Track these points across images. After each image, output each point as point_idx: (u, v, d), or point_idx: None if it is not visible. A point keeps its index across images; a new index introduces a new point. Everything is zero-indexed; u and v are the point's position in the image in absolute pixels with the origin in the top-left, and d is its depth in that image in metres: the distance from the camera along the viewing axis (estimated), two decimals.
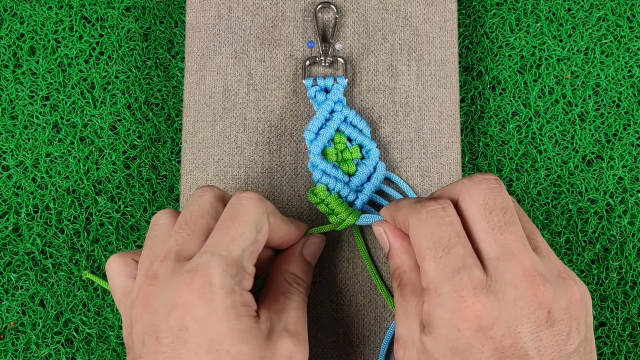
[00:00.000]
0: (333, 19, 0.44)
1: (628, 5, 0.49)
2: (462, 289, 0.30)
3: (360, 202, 0.41)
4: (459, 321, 0.30)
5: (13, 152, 0.46)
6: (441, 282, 0.31)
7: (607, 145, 0.47)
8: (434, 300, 0.31)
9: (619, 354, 0.45)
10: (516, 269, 0.30)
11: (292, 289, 0.36)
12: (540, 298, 0.30)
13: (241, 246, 0.32)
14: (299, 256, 0.38)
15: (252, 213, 0.33)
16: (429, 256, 0.32)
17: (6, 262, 0.44)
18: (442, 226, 0.32)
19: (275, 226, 0.35)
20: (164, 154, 0.46)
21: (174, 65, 0.47)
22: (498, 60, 0.48)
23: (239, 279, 0.32)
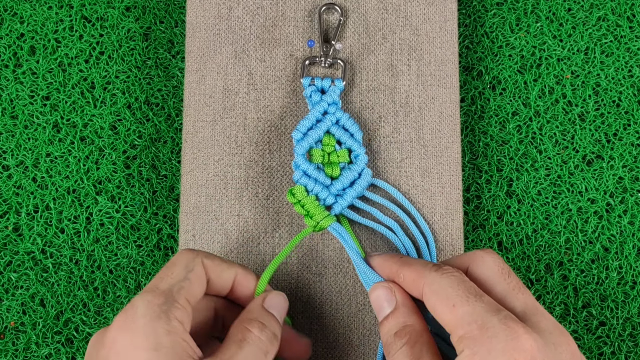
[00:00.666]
0: (337, 20, 0.44)
1: (628, 5, 0.49)
2: (510, 321, 0.30)
3: (339, 206, 0.40)
4: (515, 351, 0.29)
5: (13, 151, 0.46)
6: (486, 318, 0.30)
7: (607, 145, 0.47)
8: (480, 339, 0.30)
9: (619, 353, 0.45)
10: (547, 320, 0.31)
11: (250, 336, 0.33)
12: (573, 348, 0.31)
13: (168, 282, 0.33)
14: (260, 307, 0.36)
15: (182, 258, 0.34)
16: (463, 301, 0.31)
17: (6, 261, 0.45)
18: (465, 282, 0.32)
19: (213, 267, 0.35)
20: (164, 154, 0.46)
21: (174, 65, 0.47)
22: (498, 60, 0.48)
23: (167, 307, 0.31)
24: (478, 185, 0.46)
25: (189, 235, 0.42)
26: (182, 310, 0.32)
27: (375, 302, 0.36)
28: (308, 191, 0.40)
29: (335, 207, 0.40)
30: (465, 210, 0.46)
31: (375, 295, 0.36)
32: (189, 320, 0.32)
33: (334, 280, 0.41)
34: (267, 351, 0.33)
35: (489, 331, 0.30)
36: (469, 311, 0.30)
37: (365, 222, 0.41)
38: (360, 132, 0.41)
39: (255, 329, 0.33)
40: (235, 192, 0.42)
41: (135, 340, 0.30)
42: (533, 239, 0.46)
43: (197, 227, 0.42)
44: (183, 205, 0.42)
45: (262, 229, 0.42)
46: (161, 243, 0.45)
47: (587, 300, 0.45)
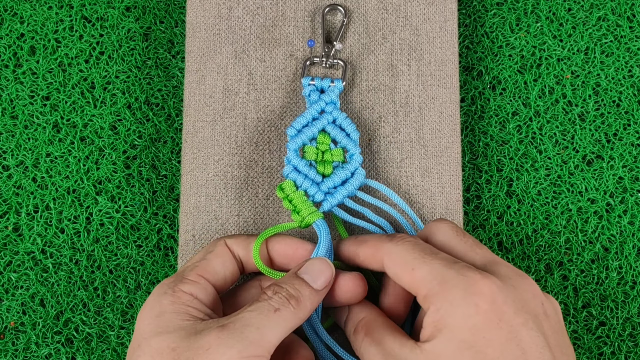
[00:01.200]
0: (339, 21, 0.44)
1: (628, 5, 0.49)
2: (468, 272, 0.31)
3: (328, 204, 0.40)
4: (474, 296, 0.30)
5: (13, 152, 0.46)
6: (445, 274, 0.31)
7: (607, 145, 0.47)
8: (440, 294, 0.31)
9: (619, 353, 0.45)
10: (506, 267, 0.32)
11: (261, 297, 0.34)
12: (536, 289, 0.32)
13: (186, 265, 0.37)
14: (292, 273, 0.36)
15: (208, 245, 0.38)
16: (420, 263, 0.32)
17: (6, 262, 0.45)
18: (419, 244, 0.34)
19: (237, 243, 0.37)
20: (164, 154, 0.46)
21: (174, 65, 0.47)
22: (498, 60, 0.48)
23: (175, 283, 0.35)
24: (478, 185, 0.46)
25: (189, 235, 0.42)
26: (190, 283, 0.35)
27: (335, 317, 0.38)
28: (297, 186, 0.40)
29: (324, 204, 0.40)
30: (465, 210, 0.46)
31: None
32: (206, 292, 0.35)
33: None
34: (276, 307, 0.33)
35: (447, 284, 0.31)
36: (427, 270, 0.32)
37: (356, 222, 0.41)
38: (356, 133, 0.41)
39: (269, 291, 0.34)
40: (235, 192, 0.42)
41: (143, 312, 0.34)
42: (533, 239, 0.46)
43: (197, 227, 0.42)
44: (183, 205, 0.42)
45: (262, 229, 0.42)
46: (161, 243, 0.45)
47: (587, 300, 0.45)
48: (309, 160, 0.41)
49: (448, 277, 0.31)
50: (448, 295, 0.31)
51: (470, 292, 0.30)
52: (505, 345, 0.29)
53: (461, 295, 0.30)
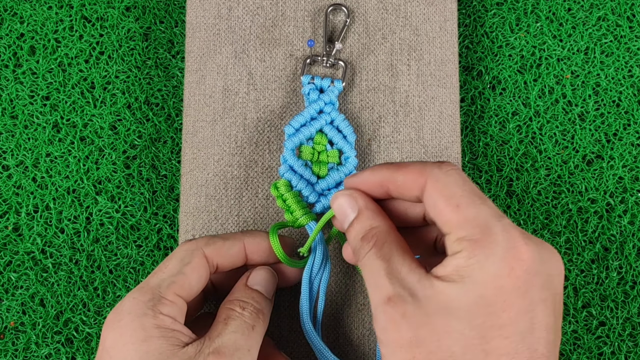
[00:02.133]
0: (342, 21, 0.44)
1: (628, 5, 0.49)
2: (511, 230, 0.29)
3: (320, 205, 0.41)
4: (513, 260, 0.29)
5: (13, 151, 0.46)
6: (491, 223, 0.29)
7: (607, 145, 0.47)
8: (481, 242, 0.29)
9: (619, 353, 0.45)
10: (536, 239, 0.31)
11: (233, 314, 0.35)
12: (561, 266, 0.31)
13: (159, 277, 0.34)
14: (244, 286, 0.37)
15: (180, 251, 0.35)
16: (467, 203, 0.30)
17: (6, 261, 0.45)
18: (469, 182, 0.31)
19: (217, 250, 0.36)
20: (164, 154, 0.46)
21: (174, 65, 0.47)
22: (498, 60, 0.48)
23: (153, 303, 0.33)
24: (478, 185, 0.46)
25: (189, 235, 0.42)
26: (170, 305, 0.33)
27: (338, 211, 0.34)
28: (292, 186, 0.40)
29: (317, 205, 0.41)
30: None
31: (337, 204, 0.34)
32: (182, 313, 0.34)
33: (334, 280, 0.41)
34: (252, 325, 0.34)
35: (491, 237, 0.29)
36: (473, 213, 0.30)
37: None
38: (353, 135, 0.41)
39: (237, 307, 0.35)
40: (235, 192, 0.42)
41: (123, 336, 0.32)
42: None
43: (197, 227, 0.42)
44: (183, 205, 0.42)
45: (262, 229, 0.42)
46: (161, 243, 0.45)
47: (587, 300, 0.45)
48: (304, 160, 0.41)
49: (494, 229, 0.29)
50: (488, 247, 0.29)
51: (511, 254, 0.29)
52: (520, 316, 0.29)
53: (501, 253, 0.29)
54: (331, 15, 0.44)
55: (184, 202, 0.42)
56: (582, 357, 0.45)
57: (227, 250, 0.37)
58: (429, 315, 0.29)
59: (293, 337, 0.41)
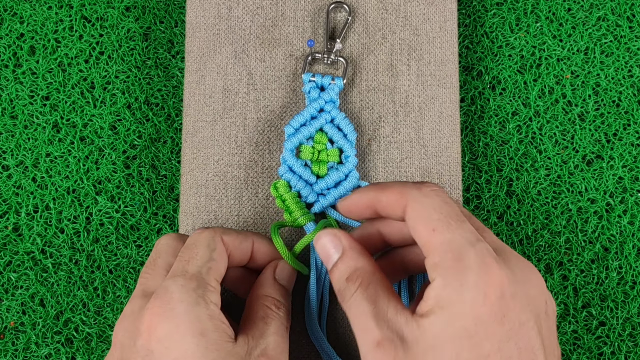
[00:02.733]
0: (343, 18, 0.44)
1: (628, 5, 0.49)
2: (486, 256, 0.29)
3: (319, 205, 0.41)
4: (487, 287, 0.29)
5: (13, 151, 0.46)
6: (463, 250, 0.29)
7: (607, 145, 0.47)
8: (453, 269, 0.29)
9: (619, 353, 0.45)
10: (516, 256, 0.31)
11: (271, 313, 0.35)
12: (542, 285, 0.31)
13: (196, 264, 0.33)
14: (273, 280, 0.37)
15: (202, 238, 0.35)
16: (443, 227, 0.30)
17: (6, 261, 0.45)
18: (450, 204, 0.31)
19: (232, 242, 0.36)
20: (164, 154, 0.46)
21: (174, 65, 0.47)
22: (498, 60, 0.48)
23: (201, 291, 0.32)
24: (478, 185, 0.46)
25: None
26: (215, 292, 0.33)
27: (321, 250, 0.34)
28: (291, 187, 0.40)
29: (315, 205, 0.41)
30: None
31: (320, 244, 0.34)
32: (220, 300, 0.33)
33: None
34: (287, 325, 0.35)
35: (463, 262, 0.29)
36: (447, 239, 0.30)
37: (349, 222, 0.41)
38: (354, 134, 0.41)
39: (273, 306, 0.35)
40: (235, 192, 0.42)
41: (180, 327, 0.30)
42: (533, 239, 0.46)
43: (197, 227, 0.42)
44: (183, 205, 0.42)
45: (262, 229, 0.42)
46: None
47: (587, 300, 0.45)
48: (304, 160, 0.41)
49: (466, 255, 0.29)
50: (460, 274, 0.29)
51: (483, 280, 0.29)
52: (504, 343, 0.29)
53: (474, 280, 0.29)
54: (332, 12, 0.44)
55: (183, 202, 0.42)
56: (582, 357, 0.45)
57: (239, 244, 0.37)
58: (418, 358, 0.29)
59: (293, 337, 0.41)
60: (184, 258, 0.34)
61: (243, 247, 0.37)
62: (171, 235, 0.37)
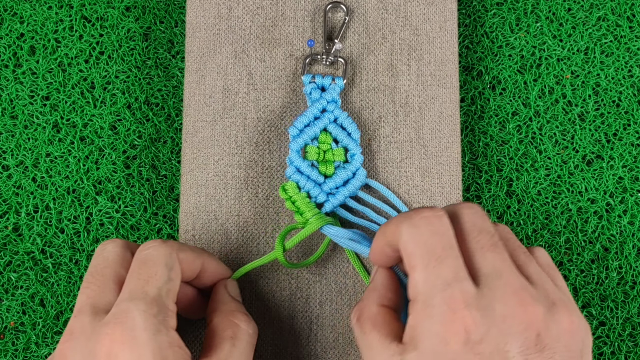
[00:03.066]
0: (340, 18, 0.44)
1: (628, 5, 0.49)
2: (453, 301, 0.29)
3: (330, 205, 0.41)
4: (447, 334, 0.29)
5: (13, 151, 0.46)
6: (431, 293, 0.30)
7: (607, 145, 0.47)
8: (422, 312, 0.30)
9: (619, 353, 0.45)
10: (506, 286, 0.30)
11: (240, 333, 0.34)
12: (530, 317, 0.29)
13: (155, 285, 0.32)
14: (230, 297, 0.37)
15: (160, 255, 0.34)
16: (421, 266, 0.30)
17: (6, 261, 0.45)
18: (436, 235, 0.31)
19: (186, 259, 0.35)
20: (164, 154, 0.46)
21: (174, 65, 0.47)
22: (498, 60, 0.48)
23: (162, 317, 0.31)
24: (478, 185, 0.46)
25: (189, 235, 0.42)
26: (173, 316, 0.32)
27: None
28: (300, 188, 0.40)
29: (326, 205, 0.41)
30: None
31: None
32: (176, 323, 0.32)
33: (334, 280, 0.41)
34: (254, 344, 0.35)
35: (428, 309, 0.29)
36: (421, 279, 0.30)
37: (358, 222, 0.41)
38: (357, 132, 0.41)
39: (243, 323, 0.35)
40: (235, 192, 0.42)
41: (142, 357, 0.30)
42: (533, 239, 0.46)
43: (197, 227, 0.42)
44: (183, 205, 0.42)
45: (262, 229, 0.42)
46: None
47: (587, 300, 0.45)
48: (310, 161, 0.41)
49: (434, 300, 0.29)
50: (426, 320, 0.29)
51: (445, 328, 0.29)
52: None
53: (436, 329, 0.29)
54: (330, 13, 0.44)
55: (184, 202, 0.42)
56: None
57: (192, 262, 0.36)
58: None
59: (293, 337, 0.41)
60: (142, 277, 0.33)
61: (194, 265, 0.36)
62: (118, 242, 0.35)
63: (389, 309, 0.34)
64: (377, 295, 0.34)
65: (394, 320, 0.33)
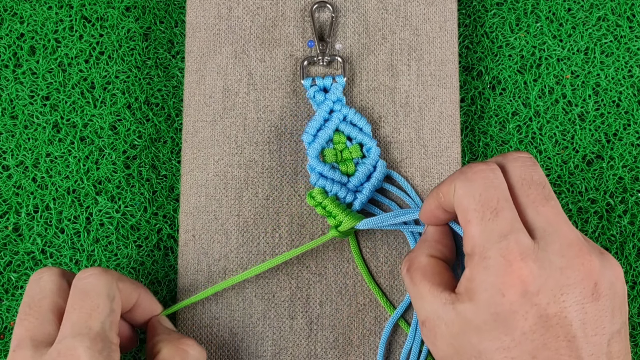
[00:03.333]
0: (330, 18, 0.44)
1: (628, 5, 0.49)
2: (509, 253, 0.29)
3: (359, 202, 0.41)
4: (504, 286, 0.29)
5: (13, 152, 0.46)
6: (487, 245, 0.30)
7: (607, 145, 0.47)
8: (478, 264, 0.30)
9: None
10: (563, 238, 0.30)
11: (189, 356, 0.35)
12: (588, 268, 0.30)
13: (99, 319, 0.32)
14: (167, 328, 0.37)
15: (101, 284, 0.33)
16: (476, 219, 0.30)
17: (6, 262, 0.45)
18: (490, 188, 0.31)
19: (125, 290, 0.35)
20: (164, 154, 0.46)
21: (174, 65, 0.47)
22: (498, 60, 0.48)
23: (107, 352, 0.31)
24: None
25: (189, 235, 0.42)
26: (117, 350, 0.32)
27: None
28: (327, 192, 0.41)
29: (355, 203, 0.41)
30: None
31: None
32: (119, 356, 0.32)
33: (334, 280, 0.42)
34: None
35: (484, 261, 0.30)
36: (477, 233, 0.30)
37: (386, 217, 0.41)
38: (368, 125, 0.42)
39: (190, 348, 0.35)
40: (235, 192, 0.42)
41: None
42: None
43: (197, 227, 0.42)
44: (183, 205, 0.42)
45: (262, 229, 0.42)
46: (161, 243, 0.45)
47: None
48: (330, 163, 0.41)
49: (490, 252, 0.30)
50: (483, 272, 0.30)
51: (501, 280, 0.29)
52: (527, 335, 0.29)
53: (492, 280, 0.29)
54: (317, 13, 0.44)
55: (184, 202, 0.42)
56: None
57: (129, 294, 0.36)
58: (455, 336, 0.31)
59: (293, 337, 0.41)
60: (85, 309, 0.32)
61: (131, 297, 0.36)
62: (53, 270, 0.35)
63: (439, 260, 0.35)
64: (427, 246, 0.35)
65: (444, 271, 0.34)
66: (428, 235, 0.36)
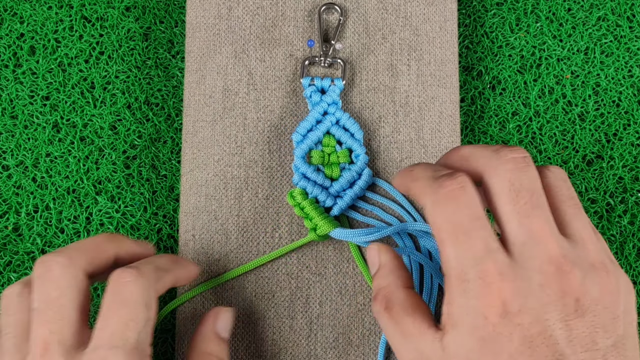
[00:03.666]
0: (337, 20, 0.44)
1: (628, 5, 0.49)
2: (487, 275, 0.28)
3: (337, 208, 0.41)
4: (485, 308, 0.28)
5: (13, 151, 0.46)
6: (464, 269, 0.29)
7: (607, 145, 0.47)
8: (457, 288, 0.29)
9: None
10: (542, 254, 0.29)
11: None
12: (567, 285, 0.28)
13: (136, 330, 0.31)
14: (214, 335, 0.37)
15: (139, 292, 0.32)
16: (450, 241, 0.29)
17: (6, 262, 0.44)
18: (461, 209, 0.29)
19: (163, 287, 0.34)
20: (164, 154, 0.46)
21: (174, 65, 0.47)
22: (498, 60, 0.48)
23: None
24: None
25: (188, 235, 0.42)
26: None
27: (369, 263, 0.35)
28: (307, 193, 0.41)
29: (334, 208, 0.41)
30: None
31: (367, 256, 0.36)
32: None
33: (334, 280, 0.42)
34: None
35: (463, 284, 0.29)
36: (452, 255, 0.29)
37: (366, 221, 0.41)
38: (360, 132, 0.42)
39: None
40: (235, 192, 0.42)
41: None
42: None
43: (197, 227, 0.42)
44: (183, 205, 0.42)
45: (262, 229, 0.42)
46: (161, 243, 0.45)
47: None
48: (316, 165, 0.41)
49: (467, 275, 0.28)
50: (463, 296, 0.29)
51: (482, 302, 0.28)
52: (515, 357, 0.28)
53: (473, 304, 0.28)
54: (325, 14, 0.44)
55: (184, 202, 0.42)
56: None
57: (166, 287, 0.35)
58: None
59: (292, 337, 0.41)
60: (123, 319, 0.31)
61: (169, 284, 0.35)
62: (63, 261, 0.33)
63: (412, 290, 0.33)
64: (397, 277, 0.33)
65: (421, 302, 0.32)
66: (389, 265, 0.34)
